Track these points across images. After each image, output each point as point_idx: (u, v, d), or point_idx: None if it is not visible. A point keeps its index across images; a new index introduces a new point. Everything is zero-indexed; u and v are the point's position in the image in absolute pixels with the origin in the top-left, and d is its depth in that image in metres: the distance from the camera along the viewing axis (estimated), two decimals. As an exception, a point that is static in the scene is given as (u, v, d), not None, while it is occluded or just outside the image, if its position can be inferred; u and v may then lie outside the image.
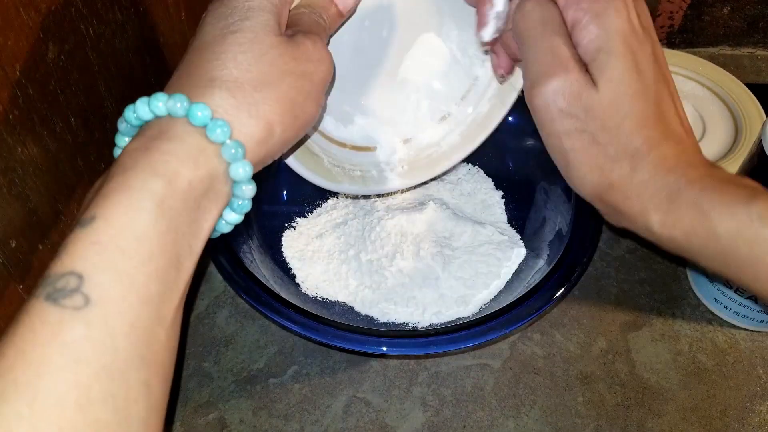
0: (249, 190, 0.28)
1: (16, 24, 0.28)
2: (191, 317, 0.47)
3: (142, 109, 0.26)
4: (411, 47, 0.42)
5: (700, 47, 0.67)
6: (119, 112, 0.39)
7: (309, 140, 0.42)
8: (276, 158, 0.31)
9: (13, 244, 0.30)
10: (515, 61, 0.35)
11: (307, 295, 0.45)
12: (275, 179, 0.49)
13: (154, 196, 0.24)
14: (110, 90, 0.38)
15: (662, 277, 0.49)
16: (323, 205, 0.51)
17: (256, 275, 0.40)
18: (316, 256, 0.47)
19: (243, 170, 0.27)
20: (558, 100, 0.29)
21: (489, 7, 0.32)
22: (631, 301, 0.47)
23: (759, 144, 0.39)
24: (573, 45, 0.30)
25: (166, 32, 0.45)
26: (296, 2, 0.33)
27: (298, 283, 0.46)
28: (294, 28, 0.31)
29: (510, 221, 0.49)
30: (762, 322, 0.44)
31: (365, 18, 0.39)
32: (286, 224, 0.49)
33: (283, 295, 0.40)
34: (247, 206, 0.29)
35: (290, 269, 0.46)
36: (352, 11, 0.35)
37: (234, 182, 0.27)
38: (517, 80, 0.41)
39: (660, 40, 0.66)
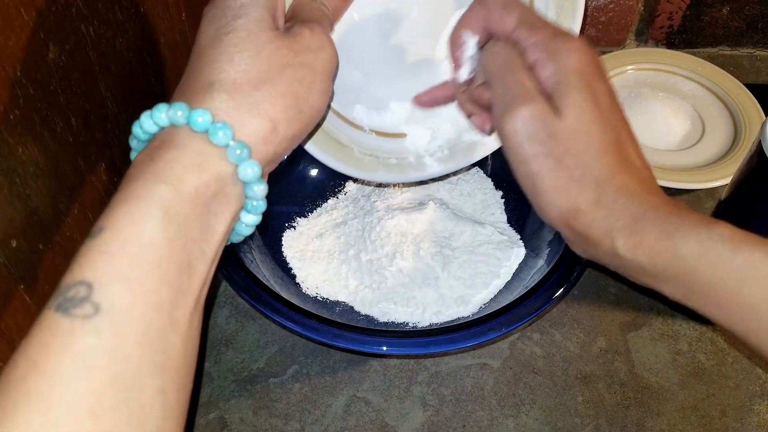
0: (261, 189, 0.28)
1: (17, 24, 0.28)
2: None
3: (146, 123, 0.26)
4: (446, 26, 0.40)
5: (700, 47, 0.67)
6: (120, 113, 0.39)
7: (336, 130, 0.41)
8: (287, 154, 0.30)
9: (14, 244, 0.30)
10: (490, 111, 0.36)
11: (307, 294, 0.45)
12: (275, 179, 0.49)
13: (160, 203, 0.24)
14: (111, 90, 0.38)
15: (662, 276, 0.49)
16: (323, 205, 0.51)
17: (256, 275, 0.40)
18: (316, 256, 0.47)
19: (251, 170, 0.27)
20: (526, 125, 0.31)
21: (461, 51, 0.35)
22: (631, 300, 0.47)
23: (758, 144, 0.39)
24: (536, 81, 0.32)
25: (167, 32, 0.45)
26: None
27: (298, 283, 0.46)
28: (294, 20, 0.31)
29: (510, 221, 0.49)
30: (761, 321, 0.44)
31: (390, 1, 0.38)
32: (286, 224, 0.49)
33: (283, 294, 0.40)
34: (262, 206, 0.29)
35: (290, 269, 0.46)
36: None
37: (245, 183, 0.27)
38: None
39: (659, 41, 0.66)
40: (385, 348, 0.37)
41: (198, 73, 0.28)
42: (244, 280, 0.39)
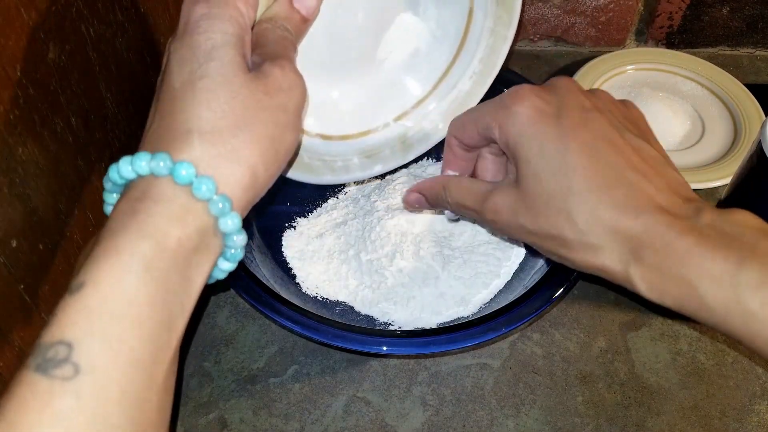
0: (240, 239, 0.28)
1: (17, 24, 0.28)
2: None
3: (125, 169, 0.26)
4: (388, 28, 0.42)
5: (700, 47, 0.67)
6: (120, 113, 0.39)
7: None
8: (264, 194, 0.30)
9: (14, 244, 0.30)
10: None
11: (308, 294, 0.45)
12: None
13: (142, 259, 0.24)
14: (111, 90, 0.38)
15: (662, 276, 0.49)
16: (323, 205, 0.51)
17: (257, 275, 0.40)
18: (316, 256, 0.47)
19: (232, 222, 0.27)
20: (499, 223, 0.33)
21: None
22: (631, 300, 0.47)
23: (758, 144, 0.39)
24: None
25: (167, 33, 0.45)
26: (258, 14, 0.32)
27: (298, 283, 0.46)
28: (260, 51, 0.30)
29: (510, 221, 0.49)
30: (761, 321, 0.44)
31: (338, 6, 0.38)
32: (286, 224, 0.49)
33: (284, 294, 0.40)
34: (240, 255, 0.29)
35: (290, 269, 0.46)
36: (317, 14, 0.34)
37: (224, 234, 0.27)
38: (497, 58, 0.41)
39: (659, 41, 0.66)
40: (385, 348, 0.37)
41: (173, 118, 0.27)
42: (244, 280, 0.39)
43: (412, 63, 0.43)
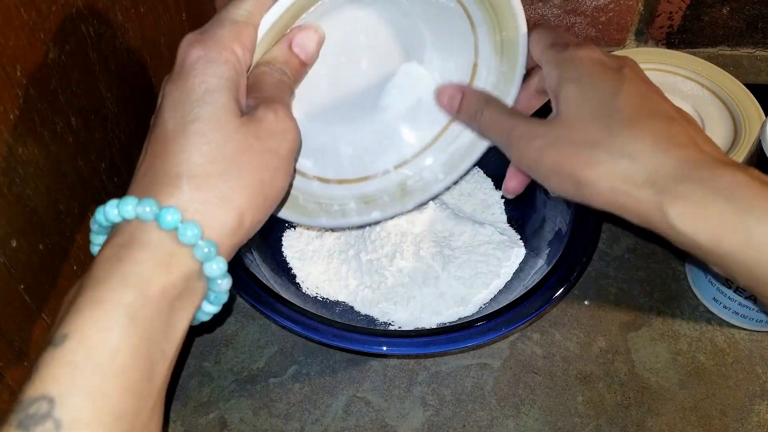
0: (225, 283, 0.28)
1: (17, 24, 0.28)
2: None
3: (111, 212, 0.26)
4: (393, 76, 0.41)
5: (700, 47, 0.67)
6: (120, 113, 0.39)
7: None
8: (250, 237, 0.30)
9: (14, 244, 0.30)
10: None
11: (307, 294, 0.45)
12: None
13: (126, 309, 0.24)
14: (111, 90, 0.38)
15: (661, 276, 0.49)
16: (323, 205, 0.51)
17: (256, 275, 0.40)
18: (316, 256, 0.47)
19: (217, 267, 0.27)
20: (526, 150, 0.32)
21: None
22: (631, 300, 0.47)
23: (758, 144, 0.39)
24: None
25: (167, 32, 0.45)
26: (255, 59, 0.31)
27: (298, 283, 0.46)
28: (256, 95, 0.30)
29: (510, 221, 0.49)
30: (761, 321, 0.44)
31: (341, 53, 0.38)
32: (286, 224, 0.49)
33: (284, 294, 0.40)
34: (224, 298, 0.29)
35: (290, 269, 0.46)
36: (316, 58, 0.34)
37: (209, 279, 0.27)
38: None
39: (659, 41, 0.66)
40: (385, 348, 0.37)
41: (164, 160, 0.27)
42: (244, 280, 0.39)
43: (415, 113, 0.43)
